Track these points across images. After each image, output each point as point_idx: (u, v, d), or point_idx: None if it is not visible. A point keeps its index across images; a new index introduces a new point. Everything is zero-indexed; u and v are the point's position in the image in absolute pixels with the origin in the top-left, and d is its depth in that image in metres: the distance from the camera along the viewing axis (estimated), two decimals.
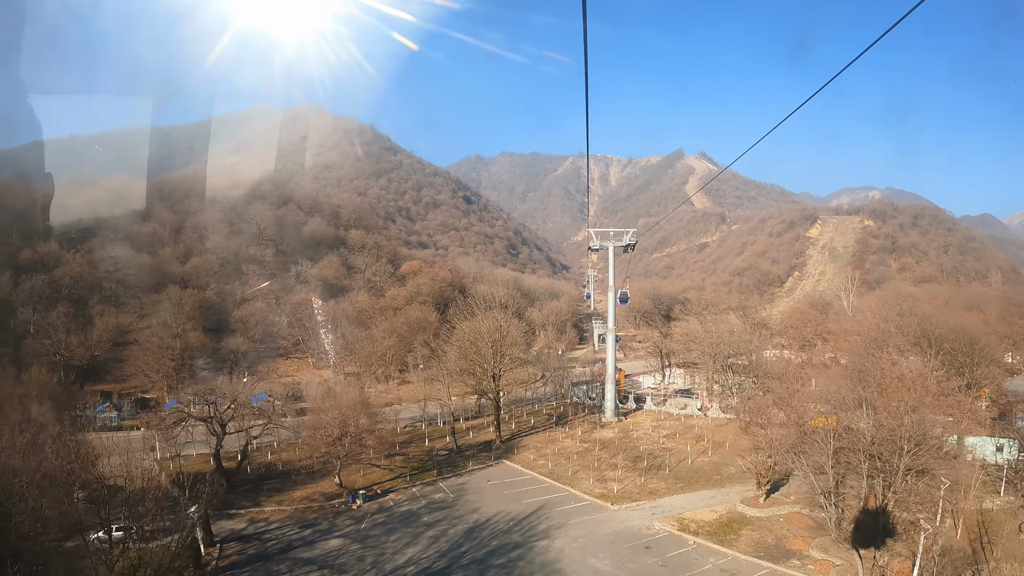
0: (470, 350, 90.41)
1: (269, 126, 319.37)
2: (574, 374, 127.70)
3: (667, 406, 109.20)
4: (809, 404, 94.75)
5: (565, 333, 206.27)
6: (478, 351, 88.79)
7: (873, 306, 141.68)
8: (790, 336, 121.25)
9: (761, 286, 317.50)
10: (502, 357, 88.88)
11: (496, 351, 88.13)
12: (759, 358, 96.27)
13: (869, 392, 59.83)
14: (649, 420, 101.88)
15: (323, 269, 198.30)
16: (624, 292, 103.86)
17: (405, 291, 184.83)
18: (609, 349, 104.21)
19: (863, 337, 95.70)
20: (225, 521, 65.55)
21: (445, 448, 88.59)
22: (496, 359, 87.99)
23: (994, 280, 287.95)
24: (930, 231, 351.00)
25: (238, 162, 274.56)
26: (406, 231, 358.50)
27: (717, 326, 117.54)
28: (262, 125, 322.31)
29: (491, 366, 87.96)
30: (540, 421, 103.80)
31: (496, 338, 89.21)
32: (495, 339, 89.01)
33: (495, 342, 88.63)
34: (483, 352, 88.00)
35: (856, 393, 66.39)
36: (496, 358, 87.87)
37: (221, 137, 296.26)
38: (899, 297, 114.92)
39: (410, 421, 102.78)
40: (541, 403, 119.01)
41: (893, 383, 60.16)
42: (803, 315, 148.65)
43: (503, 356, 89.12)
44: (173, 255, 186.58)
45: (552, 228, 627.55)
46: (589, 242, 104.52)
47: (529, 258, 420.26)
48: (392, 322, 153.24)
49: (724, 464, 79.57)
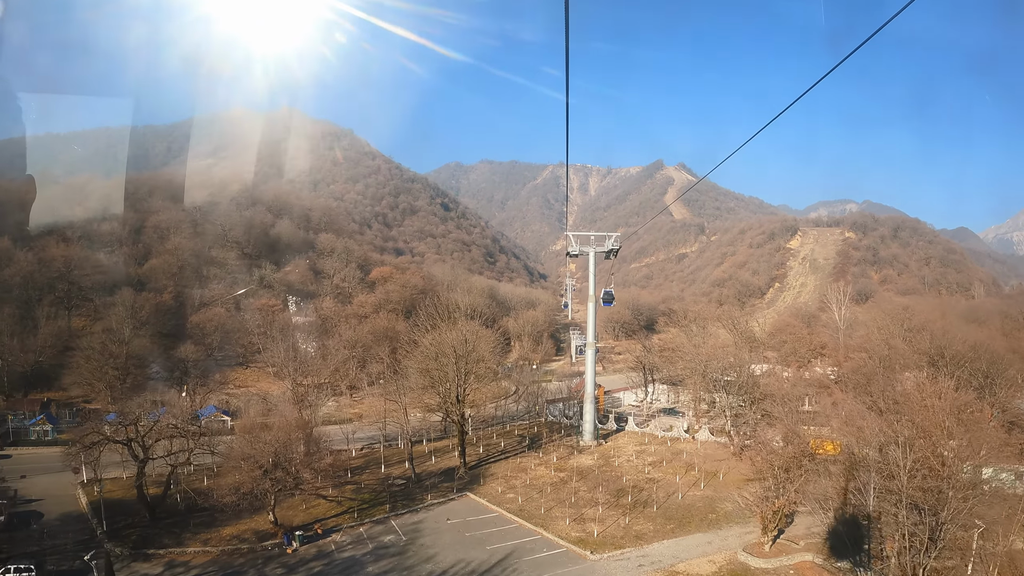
0: (432, 366, 78.94)
1: (247, 129, 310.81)
2: (549, 390, 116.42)
3: (651, 427, 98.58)
4: (809, 427, 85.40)
5: (541, 344, 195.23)
6: (440, 368, 77.37)
7: (871, 319, 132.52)
8: (784, 351, 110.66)
9: (742, 297, 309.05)
10: (468, 375, 77.52)
11: (461, 368, 76.72)
12: (751, 375, 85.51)
13: (901, 424, 49.21)
14: (632, 444, 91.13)
15: (289, 274, 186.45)
16: (608, 292, 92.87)
17: (373, 298, 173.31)
18: (588, 365, 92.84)
19: (869, 354, 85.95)
20: (141, 564, 55.21)
21: (403, 476, 77.40)
22: (460, 378, 76.58)
23: (977, 293, 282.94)
24: (911, 243, 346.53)
25: (214, 164, 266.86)
26: (382, 237, 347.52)
27: (705, 340, 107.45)
28: (240, 128, 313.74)
29: (455, 385, 76.63)
30: (511, 444, 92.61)
31: (461, 354, 77.57)
32: (460, 355, 77.39)
33: (460, 358, 77.07)
34: (445, 370, 76.69)
35: (879, 423, 56.56)
36: (460, 377, 76.47)
37: (199, 139, 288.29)
38: (898, 310, 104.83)
39: (368, 442, 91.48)
40: (513, 422, 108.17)
41: (924, 410, 50.30)
42: (791, 328, 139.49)
43: (469, 374, 77.82)
44: (131, 255, 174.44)
45: (530, 237, 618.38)
46: (567, 247, 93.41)
47: (506, 266, 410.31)
48: (357, 331, 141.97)
49: (719, 499, 69.00)
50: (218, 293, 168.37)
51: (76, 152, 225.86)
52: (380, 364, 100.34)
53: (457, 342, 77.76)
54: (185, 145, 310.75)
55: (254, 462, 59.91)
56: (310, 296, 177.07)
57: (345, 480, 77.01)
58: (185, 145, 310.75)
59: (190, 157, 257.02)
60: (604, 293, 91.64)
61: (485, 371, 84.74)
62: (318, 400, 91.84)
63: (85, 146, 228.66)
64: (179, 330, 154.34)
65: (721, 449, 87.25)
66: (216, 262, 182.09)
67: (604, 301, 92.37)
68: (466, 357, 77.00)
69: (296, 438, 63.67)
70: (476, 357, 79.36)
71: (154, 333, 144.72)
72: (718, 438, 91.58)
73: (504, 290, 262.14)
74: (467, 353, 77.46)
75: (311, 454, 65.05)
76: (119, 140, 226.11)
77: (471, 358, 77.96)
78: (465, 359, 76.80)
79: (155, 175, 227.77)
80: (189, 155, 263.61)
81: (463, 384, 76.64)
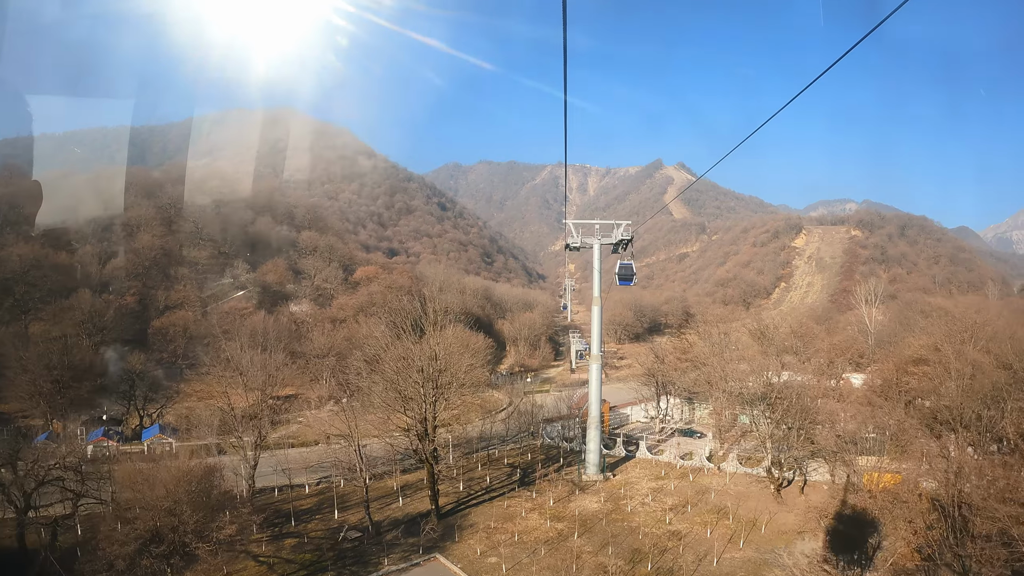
0: (399, 383, 60.42)
1: (245, 128, 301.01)
2: (546, 407, 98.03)
3: (667, 453, 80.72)
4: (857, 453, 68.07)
5: (539, 349, 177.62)
6: (402, 393, 59.22)
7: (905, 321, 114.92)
8: (814, 359, 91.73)
9: (747, 297, 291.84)
10: (439, 400, 59.47)
11: (428, 394, 58.62)
12: (796, 392, 67.01)
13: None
14: (645, 477, 73.15)
15: (266, 274, 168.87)
16: (627, 265, 71.97)
17: (355, 300, 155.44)
18: (593, 383, 73.81)
19: (942, 367, 68.22)
20: None
21: (359, 526, 59.58)
22: (429, 404, 58.57)
23: (991, 292, 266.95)
24: (918, 242, 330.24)
25: (209, 163, 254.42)
26: (376, 236, 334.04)
27: (729, 347, 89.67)
28: (236, 128, 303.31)
29: (423, 412, 58.55)
30: (499, 478, 74.20)
31: (429, 375, 59.06)
32: (428, 376, 58.92)
33: (428, 380, 58.68)
34: (408, 393, 58.55)
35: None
36: (428, 403, 58.41)
37: (194, 138, 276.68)
38: (968, 313, 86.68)
39: (327, 476, 73.60)
40: (504, 444, 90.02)
41: None
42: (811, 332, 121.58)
43: (443, 398, 59.73)
44: (93, 254, 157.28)
45: (529, 237, 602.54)
46: (567, 238, 75.03)
47: (504, 266, 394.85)
48: (330, 336, 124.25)
49: (766, 563, 51.07)
50: (184, 295, 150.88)
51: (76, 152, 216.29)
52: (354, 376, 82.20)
53: (425, 359, 58.96)
54: (180, 145, 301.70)
55: (130, 530, 42.43)
56: (287, 298, 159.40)
57: (286, 531, 59.44)
58: (180, 145, 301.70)
59: (182, 156, 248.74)
60: (620, 267, 71.56)
61: (468, 380, 66.08)
62: (266, 421, 73.45)
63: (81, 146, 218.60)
64: (143, 336, 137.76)
65: (755, 483, 69.58)
66: (187, 261, 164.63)
67: (621, 279, 71.95)
68: (435, 379, 58.53)
69: (182, 499, 45.44)
70: (450, 378, 60.55)
71: (116, 339, 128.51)
72: (749, 468, 74.02)
73: (500, 291, 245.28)
74: (438, 373, 59.01)
75: (212, 513, 47.04)
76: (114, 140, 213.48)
77: (443, 379, 59.47)
78: (434, 382, 58.38)
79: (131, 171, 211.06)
80: (182, 154, 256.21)
81: (433, 413, 58.32)
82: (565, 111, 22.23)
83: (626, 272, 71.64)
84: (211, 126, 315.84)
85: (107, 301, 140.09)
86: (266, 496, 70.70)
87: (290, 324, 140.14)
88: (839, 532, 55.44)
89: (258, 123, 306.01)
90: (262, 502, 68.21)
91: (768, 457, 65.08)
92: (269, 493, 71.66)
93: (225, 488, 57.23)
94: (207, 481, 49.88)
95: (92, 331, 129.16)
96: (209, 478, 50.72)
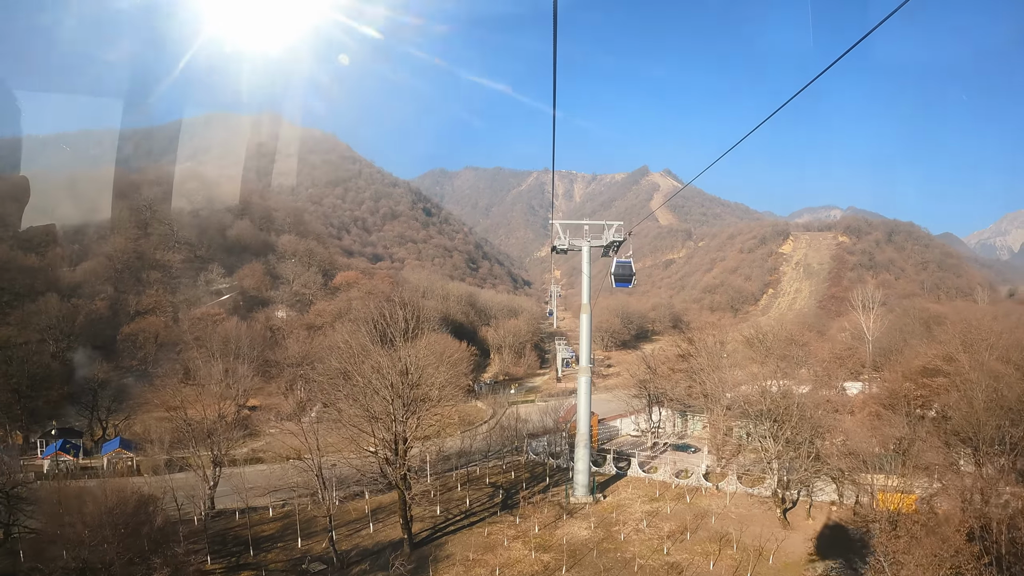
0: (364, 400, 53.82)
1: (230, 132, 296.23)
2: (531, 421, 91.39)
3: (660, 471, 74.62)
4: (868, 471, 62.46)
5: (524, 357, 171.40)
6: (369, 411, 52.50)
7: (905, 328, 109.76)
8: (818, 370, 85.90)
9: (735, 303, 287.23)
10: (412, 418, 53.04)
11: (400, 410, 51.97)
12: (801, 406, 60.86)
13: None
14: (639, 498, 66.93)
15: (243, 279, 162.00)
16: (624, 264, 64.85)
17: (333, 306, 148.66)
18: (582, 397, 67.10)
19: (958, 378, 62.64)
20: None
21: (324, 556, 53.20)
22: (400, 423, 51.93)
23: (980, 298, 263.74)
24: (906, 247, 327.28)
25: (195, 167, 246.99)
26: (360, 242, 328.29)
27: (726, 357, 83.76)
28: (221, 132, 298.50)
29: (393, 432, 52.21)
30: (479, 499, 67.83)
31: (399, 393, 51.98)
32: (397, 394, 51.83)
33: (397, 398, 51.78)
34: (376, 410, 52.13)
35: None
36: (398, 422, 51.69)
37: (176, 142, 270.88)
38: (984, 320, 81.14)
39: (292, 496, 66.77)
40: (486, 460, 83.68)
41: None
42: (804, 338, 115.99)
43: (414, 416, 53.39)
44: (63, 257, 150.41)
45: (515, 243, 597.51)
46: (553, 240, 68.87)
47: (489, 272, 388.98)
48: (305, 344, 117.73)
49: None
50: (156, 300, 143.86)
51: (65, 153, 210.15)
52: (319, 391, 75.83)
53: (394, 374, 52.30)
54: (165, 148, 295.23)
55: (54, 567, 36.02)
56: (264, 303, 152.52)
57: (244, 562, 53.08)
58: (165, 148, 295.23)
59: (167, 159, 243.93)
60: (617, 266, 64.16)
61: (444, 395, 59.51)
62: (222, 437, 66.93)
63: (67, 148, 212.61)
64: (114, 342, 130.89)
65: (757, 505, 63.58)
66: (160, 265, 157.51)
67: (618, 280, 64.51)
68: (406, 396, 51.98)
69: (123, 526, 39.02)
70: (423, 393, 53.92)
71: (85, 346, 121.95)
72: (750, 488, 68.12)
73: (485, 297, 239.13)
74: (409, 389, 52.47)
75: (146, 552, 40.57)
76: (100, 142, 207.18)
77: (415, 394, 52.91)
78: (404, 399, 51.82)
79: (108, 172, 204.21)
80: (167, 157, 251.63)
81: (404, 433, 51.77)
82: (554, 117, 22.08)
83: (624, 272, 64.51)
84: (196, 130, 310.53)
85: (76, 306, 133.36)
86: (225, 520, 64.26)
87: (265, 331, 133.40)
88: (853, 564, 49.80)
89: (244, 127, 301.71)
90: (220, 527, 61.92)
91: (774, 479, 59.08)
92: (229, 516, 65.15)
93: (168, 516, 50.97)
94: (142, 514, 43.35)
95: (59, 337, 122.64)
96: (144, 510, 44.17)
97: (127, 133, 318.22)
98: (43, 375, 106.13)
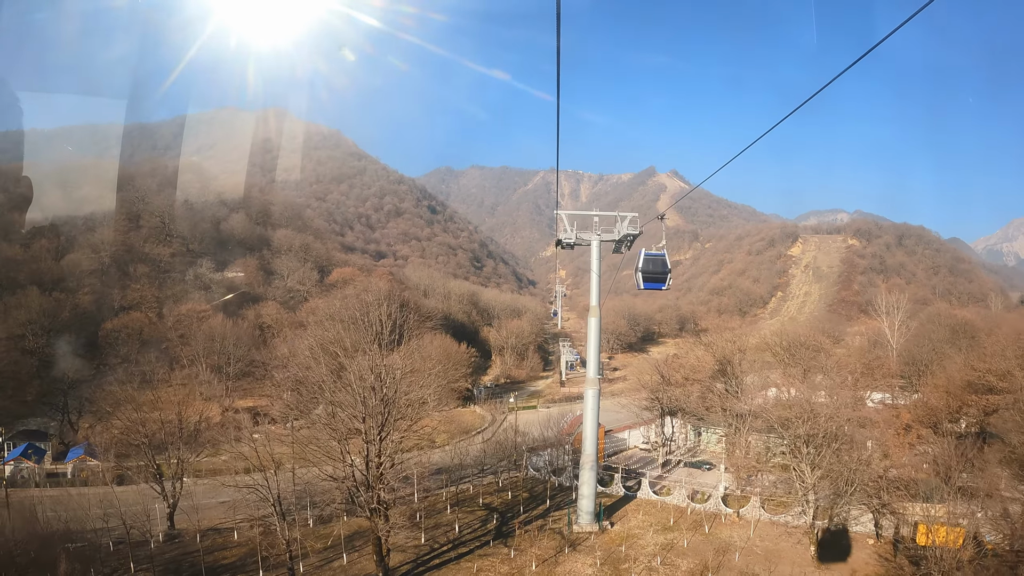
0: (331, 420, 44.93)
1: (235, 128, 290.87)
2: (531, 435, 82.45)
3: (674, 494, 66.15)
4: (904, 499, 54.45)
5: (527, 359, 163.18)
6: (337, 429, 43.81)
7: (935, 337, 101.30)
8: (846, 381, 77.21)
9: (743, 306, 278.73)
10: (388, 438, 44.23)
11: (373, 431, 42.50)
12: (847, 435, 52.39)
13: None
14: (651, 527, 58.26)
15: (234, 274, 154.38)
16: (658, 258, 51.72)
17: (324, 303, 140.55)
18: (588, 413, 57.62)
19: None
20: None
21: None
22: (374, 442, 42.88)
23: (993, 304, 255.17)
24: (916, 252, 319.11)
25: (200, 162, 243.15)
26: (364, 238, 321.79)
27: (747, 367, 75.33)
28: (226, 127, 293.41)
29: (366, 454, 43.40)
30: (470, 525, 59.15)
31: (373, 411, 42.31)
32: (372, 412, 42.13)
33: (372, 416, 42.17)
34: (339, 428, 43.34)
35: None
36: (373, 442, 42.69)
37: (182, 136, 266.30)
38: None
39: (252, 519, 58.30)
40: (481, 475, 75.02)
41: None
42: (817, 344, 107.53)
43: (391, 434, 44.65)
44: (47, 249, 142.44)
45: (520, 243, 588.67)
46: (559, 232, 60.00)
47: (494, 271, 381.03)
48: (292, 345, 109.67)
49: None
50: (141, 295, 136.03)
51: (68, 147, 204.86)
52: None
53: (366, 388, 43.34)
54: (166, 144, 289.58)
55: None
56: (254, 300, 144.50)
57: None
58: (166, 144, 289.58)
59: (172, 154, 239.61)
60: (645, 260, 50.68)
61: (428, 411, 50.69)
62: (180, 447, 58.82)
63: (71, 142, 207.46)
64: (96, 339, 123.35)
65: (784, 536, 54.97)
66: (148, 258, 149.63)
67: (648, 279, 51.41)
68: (381, 416, 43.21)
69: None
70: (403, 410, 44.77)
71: (67, 342, 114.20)
72: (774, 515, 59.67)
73: (488, 296, 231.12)
74: (384, 406, 43.93)
75: None
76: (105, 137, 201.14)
77: (394, 410, 44.10)
78: (379, 419, 43.04)
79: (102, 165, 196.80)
80: (172, 152, 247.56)
81: (379, 456, 43.04)
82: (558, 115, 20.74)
83: (655, 269, 51.29)
84: (201, 125, 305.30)
85: (58, 300, 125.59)
86: (185, 543, 56.01)
87: (254, 329, 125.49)
88: None
89: (248, 123, 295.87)
90: (176, 553, 53.84)
91: (809, 512, 50.58)
92: (190, 539, 56.84)
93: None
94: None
95: (39, 332, 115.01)
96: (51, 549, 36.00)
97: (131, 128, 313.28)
98: (11, 372, 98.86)
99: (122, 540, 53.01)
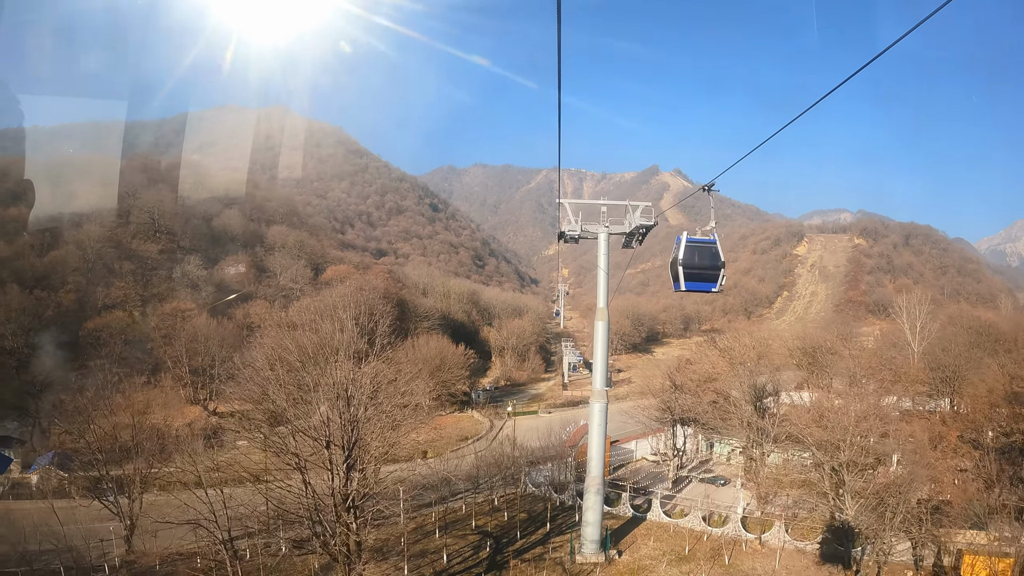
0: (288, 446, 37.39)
1: (237, 125, 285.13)
2: (530, 449, 75.09)
3: (689, 517, 59.05)
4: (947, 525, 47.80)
5: (528, 360, 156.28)
6: (299, 456, 36.08)
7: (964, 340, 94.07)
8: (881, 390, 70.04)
9: (748, 306, 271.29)
10: (359, 458, 36.42)
11: (340, 459, 35.02)
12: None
13: None
14: (663, 555, 51.12)
15: (224, 271, 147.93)
16: (708, 247, 36.61)
17: (314, 302, 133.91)
18: (595, 430, 49.77)
19: None
20: None
21: None
22: (340, 474, 34.88)
23: (1003, 305, 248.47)
24: (924, 251, 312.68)
25: (201, 159, 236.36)
26: (364, 236, 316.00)
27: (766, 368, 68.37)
28: (230, 124, 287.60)
29: (332, 487, 35.72)
30: (460, 552, 51.99)
31: (339, 440, 34.83)
32: (336, 443, 34.68)
33: (339, 442, 34.69)
34: (302, 449, 35.59)
35: None
36: (339, 473, 34.79)
37: (184, 134, 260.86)
38: None
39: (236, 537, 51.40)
40: (475, 491, 67.65)
41: None
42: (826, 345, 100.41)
43: (363, 455, 36.98)
44: (30, 245, 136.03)
45: (523, 241, 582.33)
46: (561, 223, 53.15)
47: (496, 270, 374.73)
48: (275, 348, 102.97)
49: None
50: (126, 293, 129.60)
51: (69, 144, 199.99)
52: None
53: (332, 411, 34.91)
54: (168, 141, 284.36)
55: None
56: (245, 298, 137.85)
57: None
58: (168, 141, 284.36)
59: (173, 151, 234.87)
60: (687, 250, 35.83)
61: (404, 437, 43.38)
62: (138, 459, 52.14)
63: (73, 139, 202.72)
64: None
65: (812, 566, 48.26)
66: (135, 255, 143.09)
67: (691, 277, 35.97)
68: (348, 442, 35.12)
69: None
70: (375, 432, 37.13)
71: (48, 342, 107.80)
72: (799, 541, 52.76)
73: (489, 295, 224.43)
74: (351, 427, 35.74)
75: None
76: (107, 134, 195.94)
77: (368, 428, 36.45)
78: (346, 447, 34.78)
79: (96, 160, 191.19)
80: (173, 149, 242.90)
81: (345, 488, 35.42)
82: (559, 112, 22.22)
83: (703, 263, 36.34)
84: (203, 122, 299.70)
85: (39, 298, 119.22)
86: (143, 573, 49.12)
87: (240, 329, 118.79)
88: None
89: (250, 120, 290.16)
90: None
91: (850, 546, 43.57)
92: (149, 566, 49.85)
93: None
94: None
95: (17, 331, 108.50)
96: None
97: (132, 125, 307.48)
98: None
99: (72, 566, 46.55)
